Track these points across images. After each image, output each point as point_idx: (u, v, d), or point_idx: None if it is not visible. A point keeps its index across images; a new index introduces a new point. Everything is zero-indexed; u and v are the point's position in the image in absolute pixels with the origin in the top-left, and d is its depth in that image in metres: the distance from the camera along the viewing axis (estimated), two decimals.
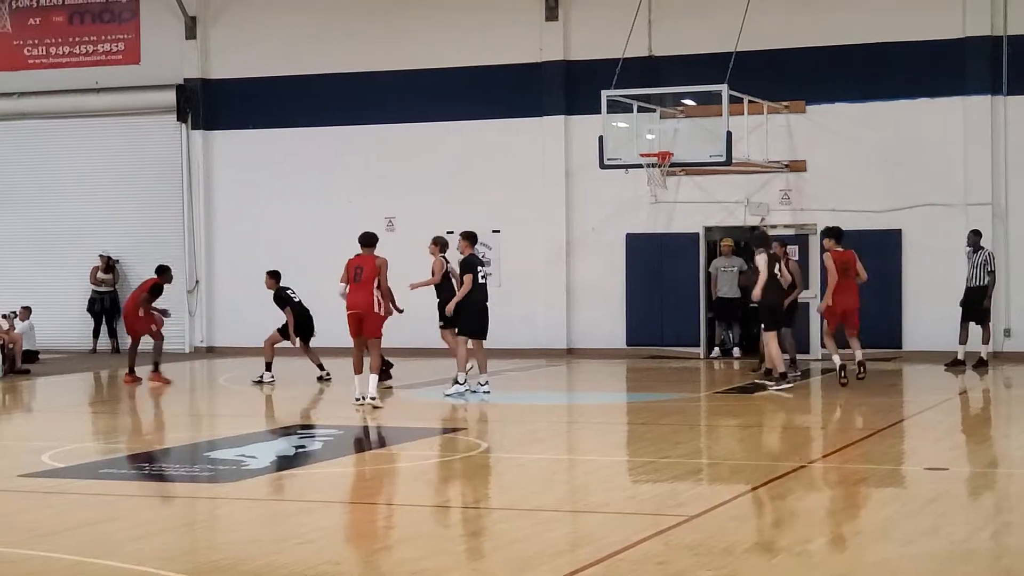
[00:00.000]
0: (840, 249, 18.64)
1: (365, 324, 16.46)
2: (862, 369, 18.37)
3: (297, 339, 19.99)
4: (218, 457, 13.04)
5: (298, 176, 26.10)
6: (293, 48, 26.13)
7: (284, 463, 12.80)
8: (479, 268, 17.75)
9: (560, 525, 9.80)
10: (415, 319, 19.84)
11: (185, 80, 26.66)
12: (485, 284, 17.80)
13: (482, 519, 9.85)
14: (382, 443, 14.25)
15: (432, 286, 18.54)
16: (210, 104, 26.60)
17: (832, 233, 18.89)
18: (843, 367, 18.16)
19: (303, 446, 13.65)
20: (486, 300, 17.77)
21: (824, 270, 19.13)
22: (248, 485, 11.37)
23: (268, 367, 19.99)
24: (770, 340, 18.26)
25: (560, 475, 12.33)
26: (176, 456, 13.32)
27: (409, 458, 13.08)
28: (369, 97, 25.68)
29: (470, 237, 17.93)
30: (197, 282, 26.41)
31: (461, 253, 17.76)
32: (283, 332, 20.17)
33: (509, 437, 14.58)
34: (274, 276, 20.35)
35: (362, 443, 14.37)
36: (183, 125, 26.68)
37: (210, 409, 18.55)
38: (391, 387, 18.72)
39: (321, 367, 19.98)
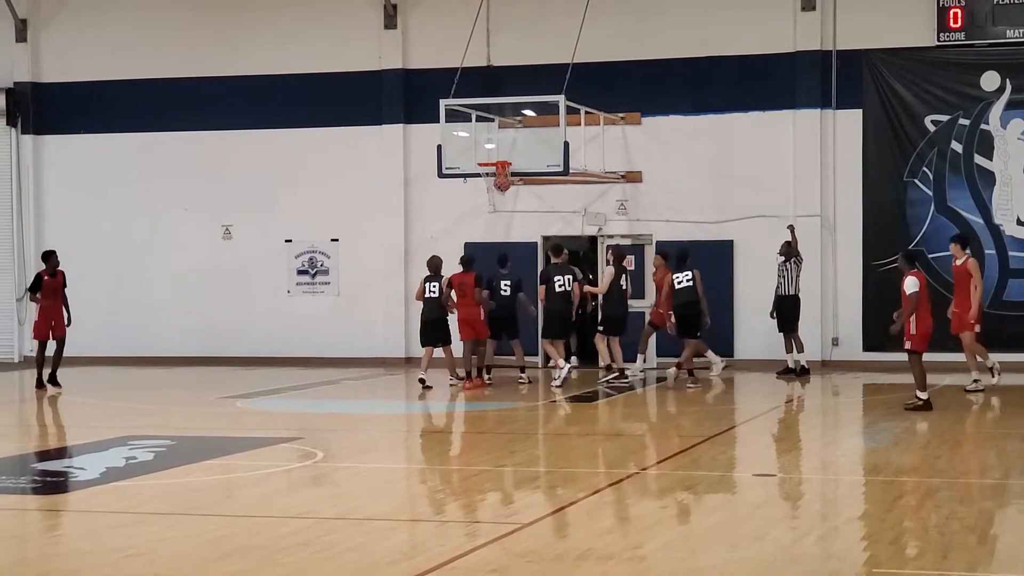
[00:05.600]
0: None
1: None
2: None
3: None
4: (46, 469, 12.79)
5: (132, 183, 25.65)
6: (127, 52, 25.69)
7: (114, 474, 12.58)
8: (556, 277, 20.45)
9: (395, 534, 9.81)
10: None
11: (15, 84, 26.05)
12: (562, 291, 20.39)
13: (315, 529, 9.80)
14: (216, 453, 14.06)
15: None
16: (41, 108, 26.01)
17: (962, 239, 19.16)
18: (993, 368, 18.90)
19: (134, 457, 13.43)
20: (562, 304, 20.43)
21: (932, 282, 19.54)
22: (77, 497, 11.15)
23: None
24: (599, 341, 20.73)
25: (395, 484, 12.33)
26: (2, 468, 12.98)
27: (243, 468, 12.94)
28: (206, 103, 25.36)
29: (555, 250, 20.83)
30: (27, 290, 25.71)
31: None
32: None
33: (345, 446, 14.51)
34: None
35: (195, 454, 14.16)
36: (12, 130, 26.08)
37: (40, 420, 18.12)
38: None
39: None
